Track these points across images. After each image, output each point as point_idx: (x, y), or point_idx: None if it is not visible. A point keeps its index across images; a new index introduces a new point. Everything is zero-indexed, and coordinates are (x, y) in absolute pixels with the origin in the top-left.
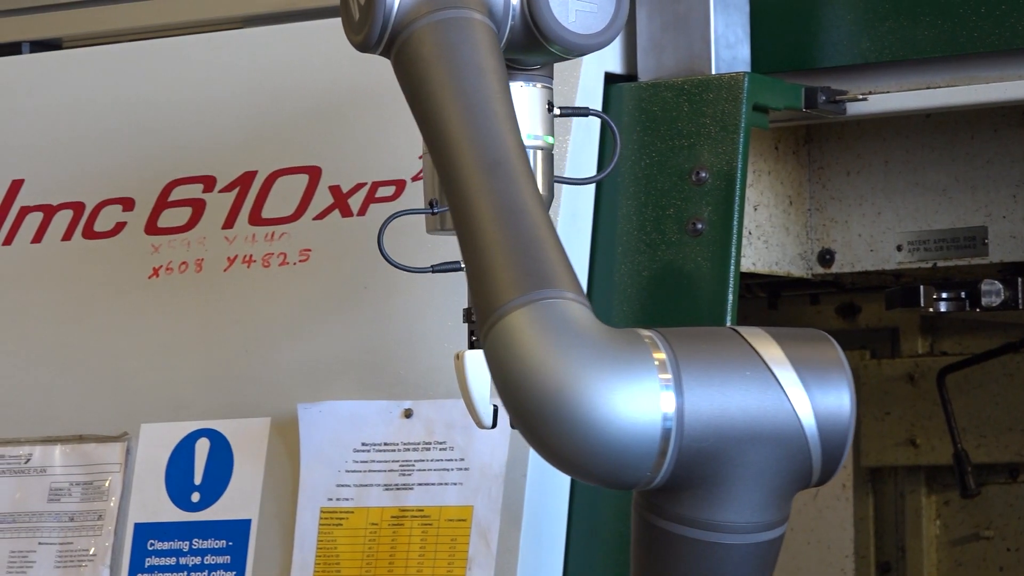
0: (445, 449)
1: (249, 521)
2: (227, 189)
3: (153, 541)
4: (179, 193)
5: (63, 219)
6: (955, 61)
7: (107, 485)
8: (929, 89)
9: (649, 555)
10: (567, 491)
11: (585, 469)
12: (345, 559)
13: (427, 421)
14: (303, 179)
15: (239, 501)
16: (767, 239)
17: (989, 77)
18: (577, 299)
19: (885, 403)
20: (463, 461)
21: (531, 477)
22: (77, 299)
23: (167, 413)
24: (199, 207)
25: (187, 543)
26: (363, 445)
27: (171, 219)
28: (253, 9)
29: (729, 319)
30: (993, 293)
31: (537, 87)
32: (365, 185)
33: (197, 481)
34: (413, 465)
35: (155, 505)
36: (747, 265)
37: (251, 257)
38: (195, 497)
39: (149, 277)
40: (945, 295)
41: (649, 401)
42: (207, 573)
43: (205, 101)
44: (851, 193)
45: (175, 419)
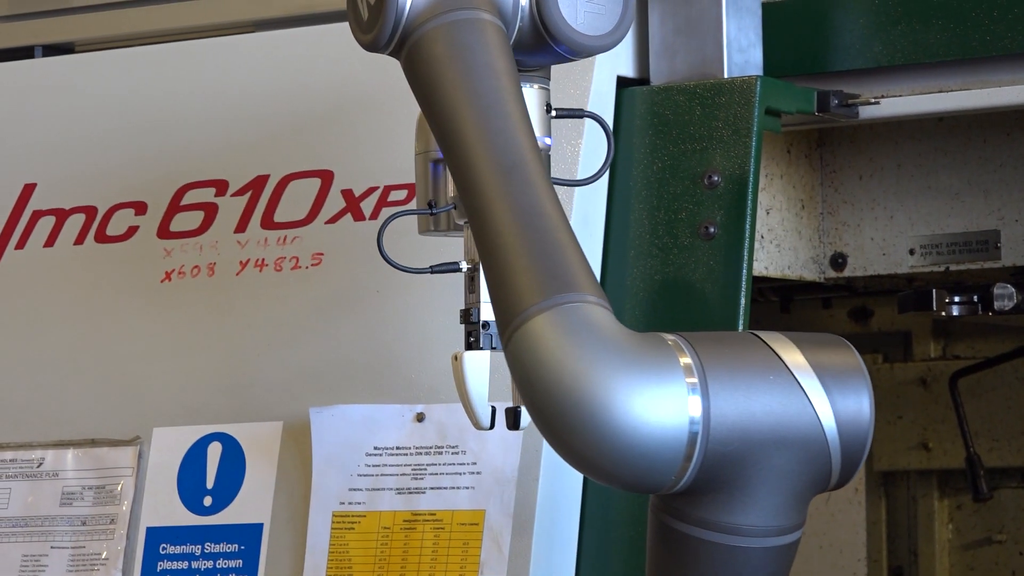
0: (457, 453)
1: (261, 525)
2: (239, 193)
3: (165, 545)
4: (191, 197)
5: (75, 223)
6: (967, 65)
7: (119, 489)
8: (941, 93)
9: (666, 558)
10: (579, 495)
11: (611, 473)
12: (357, 563)
13: (439, 425)
14: (315, 183)
15: (251, 505)
16: (779, 243)
17: (1001, 81)
18: (599, 302)
19: (898, 407)
20: (475, 465)
21: (543, 481)
22: (89, 303)
23: (179, 417)
24: (211, 211)
25: (199, 547)
26: (375, 449)
27: (183, 223)
28: (265, 13)
29: (741, 323)
30: (1006, 297)
31: (535, 88)
32: (377, 189)
33: (209, 485)
34: (425, 469)
35: (167, 509)
36: (759, 269)
37: (263, 261)
38: (207, 501)
39: (161, 281)
40: (957, 299)
41: (676, 405)
42: None
43: (217, 105)
44: (863, 197)
45: (187, 423)
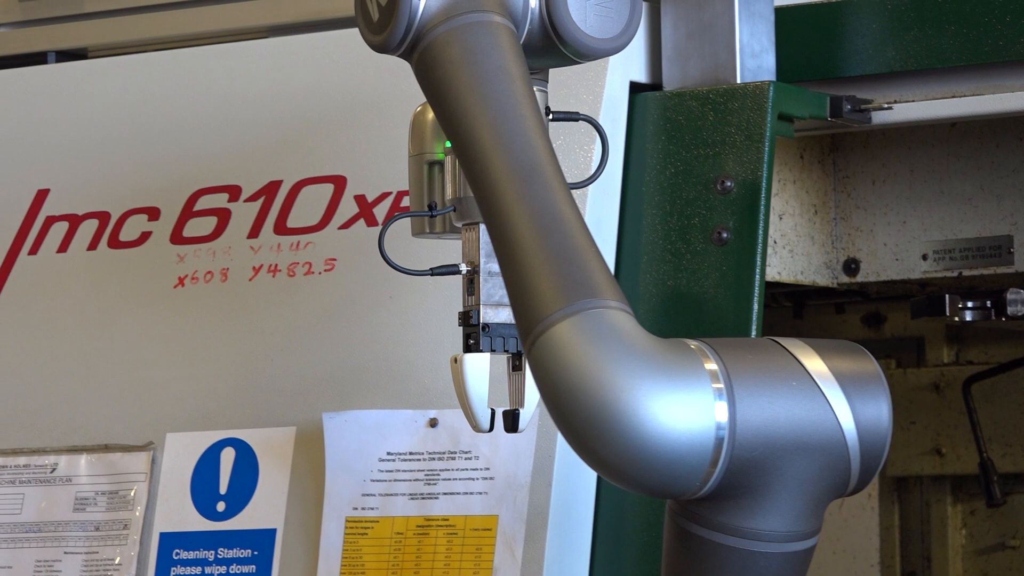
0: (470, 458)
1: (274, 531)
2: (252, 198)
3: (178, 550)
4: (204, 202)
5: (88, 228)
6: (980, 70)
7: (132, 494)
8: (954, 98)
9: (684, 563)
10: (592, 500)
11: (637, 479)
12: (370, 568)
13: (452, 430)
14: (328, 188)
15: (264, 510)
16: (792, 248)
17: (1014, 86)
18: (621, 307)
19: (911, 412)
20: (488, 470)
21: (556, 486)
22: (102, 309)
23: (192, 422)
24: (224, 216)
25: (212, 552)
26: (388, 454)
27: (196, 228)
28: (278, 19)
29: (754, 329)
30: (1019, 302)
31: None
32: (390, 194)
33: (222, 490)
34: (438, 474)
35: (180, 514)
36: (772, 274)
37: (276, 266)
38: (220, 506)
39: (174, 287)
40: (970, 304)
41: (703, 411)
42: None
43: (230, 111)
44: (876, 202)
45: (200, 428)
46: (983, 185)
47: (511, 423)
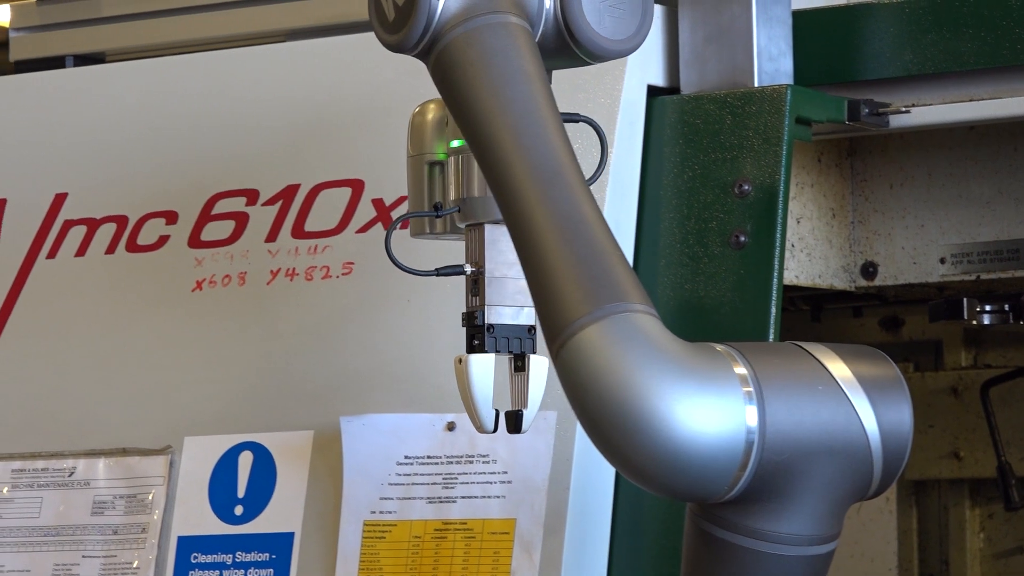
0: (488, 462)
1: (292, 534)
2: (270, 202)
3: (196, 554)
4: (222, 206)
5: (106, 232)
6: (998, 73)
7: (151, 498)
8: (972, 101)
9: (706, 566)
10: (610, 504)
11: (666, 483)
12: (388, 572)
13: (470, 434)
14: (346, 192)
15: (282, 514)
16: (810, 252)
17: None
18: (647, 310)
19: (929, 416)
20: (506, 474)
21: (574, 490)
22: (120, 312)
23: (210, 426)
24: (242, 220)
25: (230, 556)
26: (406, 458)
27: (214, 232)
28: (297, 23)
29: (772, 332)
30: None
31: None
32: (408, 198)
33: (240, 494)
34: (456, 478)
35: (198, 518)
36: (790, 278)
37: (294, 270)
38: (238, 510)
39: (192, 290)
40: (988, 308)
41: (734, 415)
42: None
43: (248, 114)
44: (894, 205)
45: (218, 432)
46: (1001, 188)
47: (514, 424)
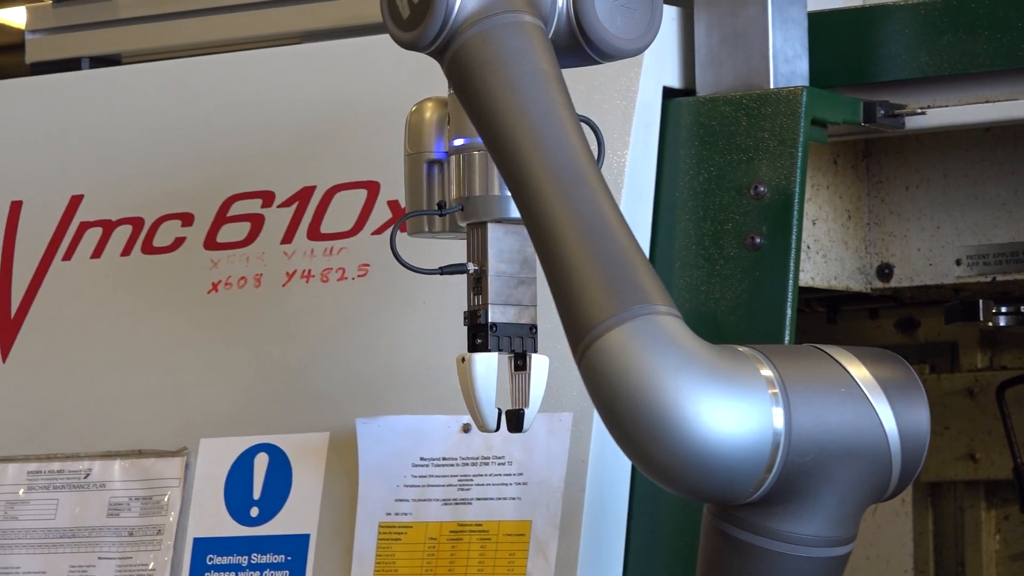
0: (503, 464)
1: (308, 536)
2: (286, 204)
3: (212, 556)
4: (238, 208)
5: (122, 234)
6: (1014, 75)
7: (166, 500)
8: (988, 103)
9: (724, 567)
10: (626, 505)
11: (692, 485)
12: (404, 574)
13: (485, 436)
14: (362, 194)
15: (298, 516)
16: (826, 253)
17: None
18: (670, 311)
19: (944, 418)
20: (522, 476)
21: (589, 491)
22: (136, 314)
23: (226, 428)
24: (258, 222)
25: (246, 558)
26: (421, 460)
27: (230, 234)
28: (311, 25)
29: (788, 334)
30: None
31: None
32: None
33: (256, 496)
34: (471, 480)
35: (214, 520)
36: (806, 279)
37: (310, 272)
38: (254, 512)
39: (208, 292)
40: (1004, 309)
41: (762, 417)
42: None
43: (264, 116)
44: (910, 207)
45: (234, 434)
46: (1017, 190)
47: (515, 423)
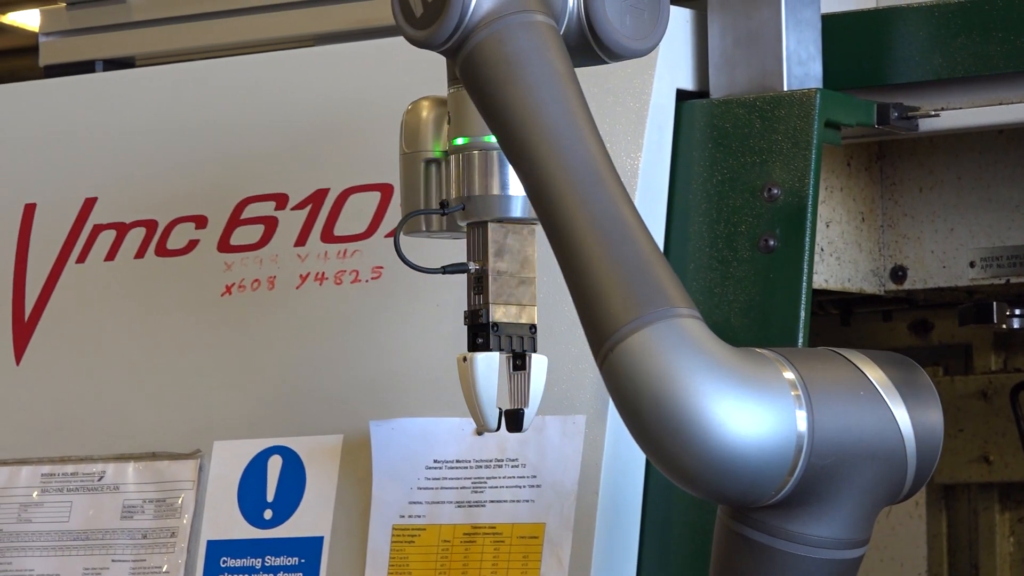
0: (517, 466)
1: (321, 538)
2: (299, 207)
3: (226, 558)
4: (251, 211)
5: (136, 237)
6: None
7: (180, 502)
8: (1002, 105)
9: (739, 568)
10: (639, 507)
11: (717, 488)
12: None
13: (499, 438)
14: (375, 196)
15: (311, 518)
16: (839, 256)
17: None
18: (692, 313)
19: (958, 420)
20: (535, 478)
21: (603, 493)
22: (150, 317)
23: (240, 430)
24: (271, 224)
25: (260, 560)
26: (435, 462)
27: (243, 237)
28: (325, 27)
29: (801, 336)
30: None
31: None
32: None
33: (270, 498)
34: (485, 482)
35: (228, 522)
36: (819, 282)
37: (323, 274)
38: (268, 514)
39: (222, 295)
40: (1018, 311)
41: (786, 420)
42: None
43: (277, 119)
44: (923, 209)
45: (248, 436)
46: None
47: (515, 422)
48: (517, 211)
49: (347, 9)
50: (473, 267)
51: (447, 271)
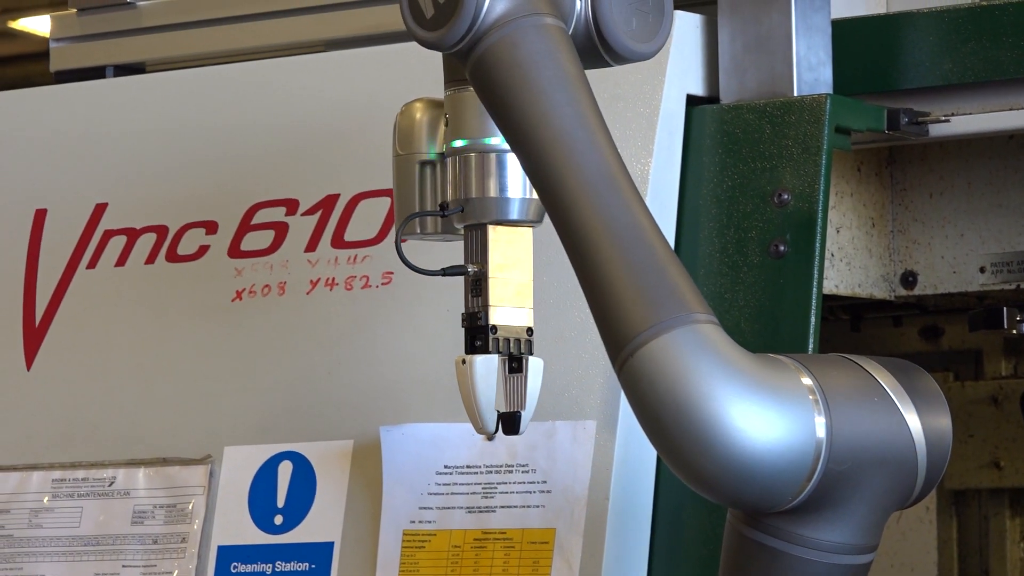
0: (527, 472)
1: (332, 544)
2: (310, 212)
3: (236, 564)
4: (262, 216)
5: (146, 242)
6: None
7: (190, 508)
8: (1012, 110)
9: (748, 572)
10: (649, 513)
11: (736, 495)
12: None
13: (509, 444)
14: (385, 202)
15: (322, 524)
16: (850, 261)
17: None
18: (710, 319)
19: (969, 425)
20: (545, 484)
21: (613, 499)
22: (160, 322)
23: (250, 436)
24: (282, 230)
25: (270, 566)
26: (445, 468)
27: (254, 242)
28: (335, 33)
29: (812, 342)
30: None
31: None
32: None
33: (280, 504)
34: (495, 488)
35: (238, 528)
36: (830, 287)
37: (334, 280)
38: (278, 520)
39: (232, 300)
40: None
41: (805, 426)
42: None
43: (288, 124)
44: (934, 215)
45: (258, 442)
46: None
47: (512, 425)
48: (515, 213)
49: (358, 15)
50: (471, 269)
51: (447, 273)
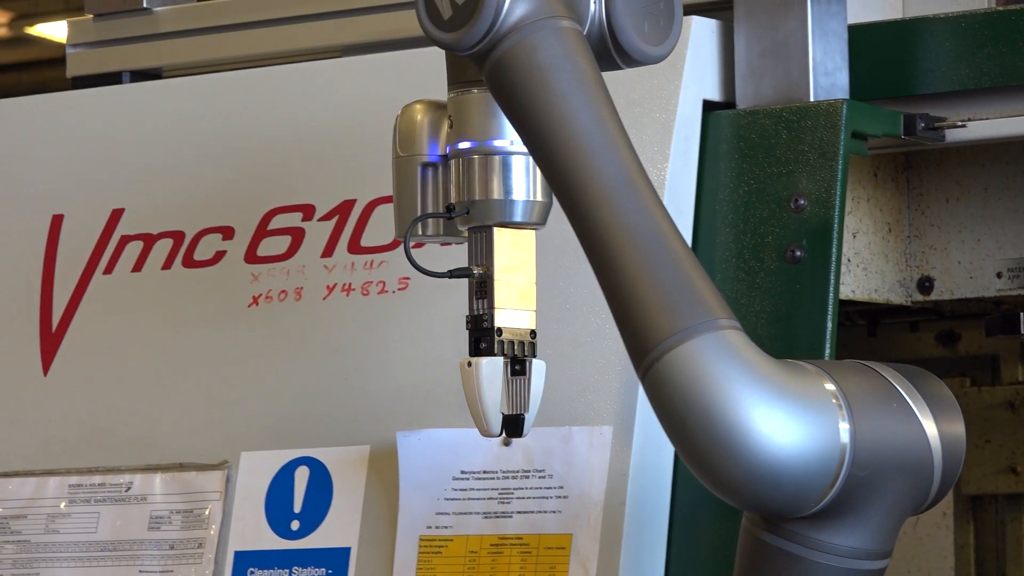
0: (544, 477)
1: (348, 549)
2: (326, 218)
3: (253, 569)
4: (278, 222)
5: (163, 248)
6: None
7: (207, 513)
8: None
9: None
10: (666, 518)
11: (760, 501)
12: None
13: (526, 449)
14: None
15: (339, 529)
16: (866, 266)
17: None
18: (733, 324)
19: (985, 430)
20: (562, 489)
21: (630, 505)
22: (177, 328)
23: (267, 441)
24: (298, 236)
25: (287, 571)
26: (462, 473)
27: (270, 248)
28: (352, 38)
29: (828, 347)
30: None
31: None
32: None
33: (297, 509)
34: (512, 493)
35: (255, 533)
36: (846, 293)
37: (350, 285)
38: (295, 525)
39: (249, 306)
40: None
41: (830, 432)
42: None
43: (304, 130)
44: (950, 220)
45: (275, 447)
46: None
47: (516, 428)
48: (519, 215)
49: (375, 20)
50: (476, 271)
51: (453, 275)
